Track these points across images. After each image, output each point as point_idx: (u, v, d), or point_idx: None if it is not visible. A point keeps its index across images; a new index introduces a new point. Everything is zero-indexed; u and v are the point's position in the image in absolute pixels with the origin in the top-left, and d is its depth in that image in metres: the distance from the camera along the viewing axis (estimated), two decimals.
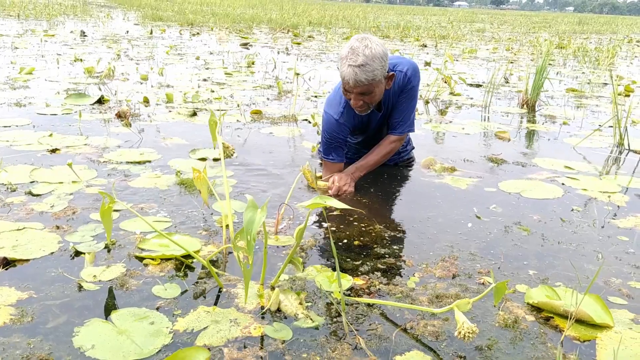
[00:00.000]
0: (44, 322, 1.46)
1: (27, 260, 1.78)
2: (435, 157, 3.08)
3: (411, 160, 3.05)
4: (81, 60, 6.60)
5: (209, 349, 1.37)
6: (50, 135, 3.22)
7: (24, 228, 1.98)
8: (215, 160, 2.95)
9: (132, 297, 1.60)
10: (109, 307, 1.54)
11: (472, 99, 5.41)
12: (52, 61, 6.44)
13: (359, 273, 1.80)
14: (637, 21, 50.52)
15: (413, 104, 2.60)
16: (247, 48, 9.43)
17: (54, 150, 2.94)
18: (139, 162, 2.84)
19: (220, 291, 1.66)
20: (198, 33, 12.11)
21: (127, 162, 2.82)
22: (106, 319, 1.48)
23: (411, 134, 2.92)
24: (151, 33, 11.24)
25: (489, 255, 1.97)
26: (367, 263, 1.87)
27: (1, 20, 12.48)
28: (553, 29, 22.56)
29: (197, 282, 1.70)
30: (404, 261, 1.90)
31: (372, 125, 2.65)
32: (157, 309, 1.54)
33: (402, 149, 2.95)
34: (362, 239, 2.08)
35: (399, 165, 2.98)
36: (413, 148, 3.08)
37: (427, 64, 8.08)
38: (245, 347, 1.39)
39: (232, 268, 1.81)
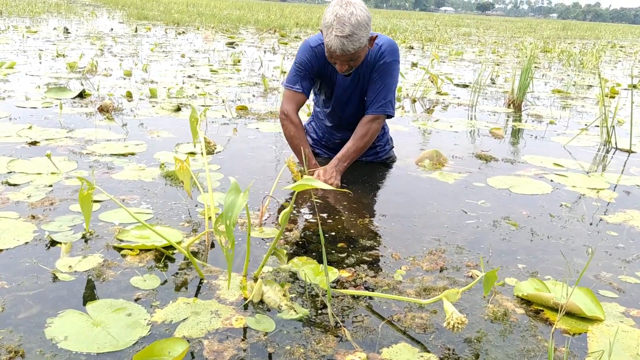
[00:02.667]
0: (16, 313, 1.39)
1: (0, 250, 1.70)
2: (439, 150, 3.01)
3: (390, 160, 2.99)
4: (64, 55, 6.49)
5: (188, 340, 1.31)
6: (30, 127, 3.14)
7: None
8: (202, 154, 2.88)
9: (109, 288, 1.53)
10: (85, 299, 1.48)
11: (459, 98, 5.40)
12: (33, 56, 6.33)
13: (345, 265, 1.76)
14: (620, 28, 51.27)
15: (388, 82, 2.51)
16: (233, 47, 9.36)
17: (33, 143, 2.86)
18: (123, 155, 2.76)
19: (201, 282, 1.60)
20: (184, 32, 12.01)
21: (111, 155, 2.75)
22: (81, 310, 1.42)
23: (398, 134, 2.88)
24: (136, 31, 11.12)
25: (477, 249, 1.93)
26: (353, 255, 1.83)
27: None
28: (538, 34, 22.75)
29: (177, 273, 1.64)
30: (391, 254, 1.86)
31: (337, 83, 2.59)
32: (136, 300, 1.47)
33: (379, 148, 2.88)
34: (348, 231, 2.03)
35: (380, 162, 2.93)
36: (392, 147, 3.01)
37: (414, 64, 8.08)
38: (226, 338, 1.34)
39: (214, 259, 1.76)
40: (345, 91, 2.60)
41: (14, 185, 2.25)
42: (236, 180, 1.44)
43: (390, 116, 2.58)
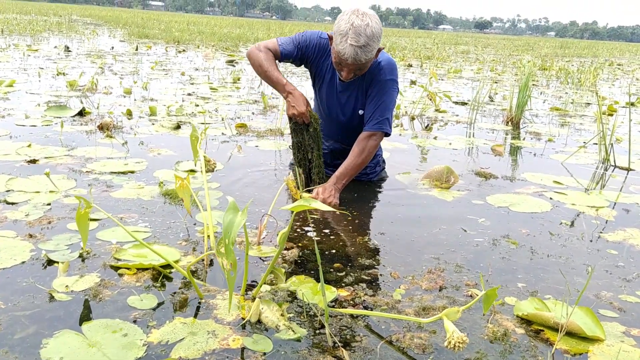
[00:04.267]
0: (12, 333, 1.38)
1: None
2: (451, 166, 2.98)
3: (382, 182, 2.97)
4: (64, 74, 6.52)
5: None
6: (29, 145, 3.14)
7: None
8: (201, 172, 2.88)
9: (105, 308, 1.52)
10: (81, 319, 1.46)
11: (457, 115, 5.42)
12: (34, 74, 6.36)
13: (344, 284, 1.74)
14: (617, 46, 51.64)
15: (385, 100, 2.53)
16: (233, 65, 9.42)
17: (32, 161, 2.86)
18: (122, 173, 2.76)
19: (199, 302, 1.59)
20: (184, 50, 12.09)
21: (111, 173, 2.75)
22: (77, 330, 1.40)
23: (397, 151, 2.88)
24: (137, 49, 11.20)
25: (476, 268, 1.92)
26: (352, 274, 1.82)
27: None
28: (536, 52, 22.92)
29: (174, 293, 1.63)
30: (390, 273, 1.85)
31: (329, 82, 2.61)
32: (133, 321, 1.46)
33: (369, 170, 2.86)
34: (346, 249, 2.02)
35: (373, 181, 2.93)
36: (383, 169, 3.01)
37: (413, 82, 8.12)
38: (223, 359, 1.32)
39: (212, 279, 1.75)
40: (333, 92, 2.63)
41: (12, 203, 2.24)
42: (235, 199, 1.44)
43: (387, 134, 2.59)
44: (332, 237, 2.14)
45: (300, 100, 2.47)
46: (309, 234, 2.16)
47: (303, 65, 2.67)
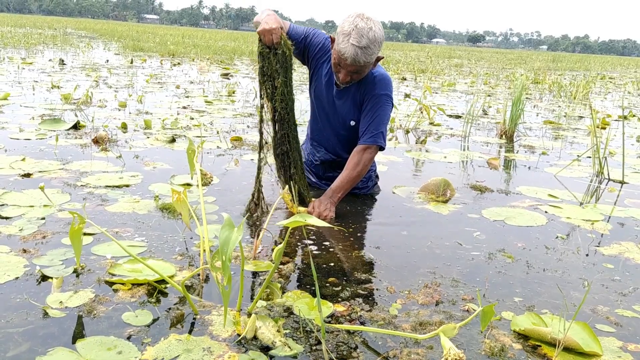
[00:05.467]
0: (4, 350, 1.36)
1: None
2: (448, 180, 2.98)
3: (377, 195, 2.97)
4: (58, 87, 6.51)
5: None
6: (23, 159, 3.12)
7: None
8: (197, 186, 2.87)
9: (100, 325, 1.51)
10: (75, 336, 1.45)
11: (451, 129, 5.44)
12: (28, 88, 6.35)
13: (340, 299, 1.74)
14: (609, 59, 52.14)
15: (380, 114, 2.54)
16: (228, 78, 9.44)
17: (26, 175, 2.84)
18: (117, 186, 2.75)
19: (194, 318, 1.57)
20: (179, 63, 12.12)
21: (106, 187, 2.73)
22: (71, 348, 1.39)
23: (392, 164, 2.89)
24: (131, 62, 11.21)
25: (472, 282, 1.92)
26: (348, 289, 1.81)
27: None
28: (528, 65, 23.10)
29: (170, 309, 1.61)
30: (386, 287, 1.84)
31: (324, 85, 2.61)
32: (128, 337, 1.45)
33: (361, 185, 2.86)
34: (342, 264, 2.02)
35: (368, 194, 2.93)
36: (375, 184, 3.01)
37: (407, 95, 8.16)
38: None
39: (208, 293, 1.73)
40: (329, 98, 2.64)
41: (6, 218, 2.22)
42: (230, 212, 1.44)
43: (382, 148, 2.59)
44: (327, 251, 2.13)
45: (273, 19, 2.30)
46: (304, 248, 2.16)
47: (303, 61, 2.66)
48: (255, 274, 1.89)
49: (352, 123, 2.62)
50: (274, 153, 2.48)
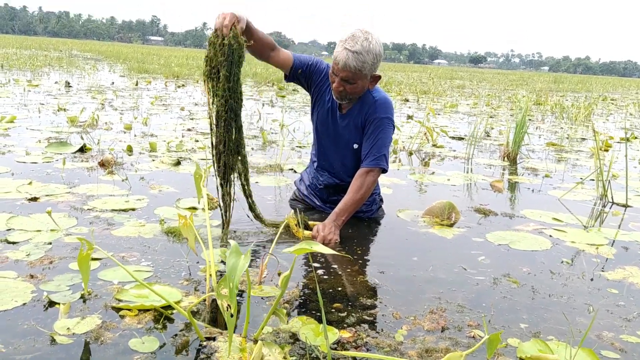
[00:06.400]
0: None
1: None
2: (453, 203, 2.97)
3: (378, 218, 2.98)
4: (64, 109, 6.57)
5: None
6: (30, 183, 3.15)
7: None
8: (203, 210, 2.89)
9: (107, 352, 1.51)
10: None
11: (454, 151, 5.47)
12: (34, 110, 6.41)
13: (345, 325, 1.74)
14: (610, 80, 52.38)
15: (382, 137, 2.57)
16: None
17: (33, 199, 2.87)
18: (124, 210, 2.77)
19: (200, 344, 1.58)
20: (183, 85, 12.23)
21: (112, 210, 2.75)
22: None
23: (396, 187, 2.90)
24: (136, 84, 11.32)
25: (478, 308, 1.92)
26: (353, 314, 1.81)
27: None
28: (530, 87, 23.23)
29: (176, 335, 1.62)
30: (392, 313, 1.85)
31: (327, 111, 2.66)
32: None
33: (365, 208, 2.87)
34: (347, 289, 2.02)
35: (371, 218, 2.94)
36: (380, 207, 3.02)
37: (410, 117, 8.21)
38: None
39: (214, 319, 1.73)
40: (332, 123, 2.68)
41: (13, 243, 2.24)
42: (235, 236, 1.45)
43: (384, 170, 2.62)
44: (332, 275, 2.14)
45: (233, 12, 2.21)
46: (309, 273, 2.16)
47: (307, 88, 2.72)
48: (260, 299, 1.90)
49: (355, 146, 2.66)
50: (213, 159, 2.31)
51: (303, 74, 2.65)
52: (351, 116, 2.61)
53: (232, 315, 1.40)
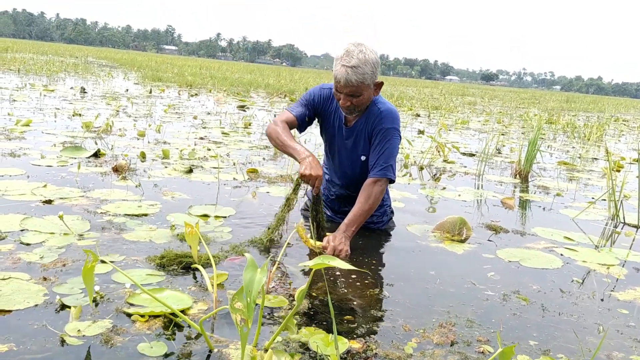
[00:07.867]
0: None
1: (10, 311, 1.70)
2: (465, 219, 2.96)
3: (389, 230, 2.99)
4: (80, 115, 6.65)
5: None
6: (45, 186, 3.18)
7: (10, 278, 1.91)
8: (217, 217, 2.90)
9: (116, 355, 1.52)
10: None
11: (465, 167, 5.46)
12: (50, 115, 6.49)
13: (355, 336, 1.74)
14: (622, 102, 52.16)
15: (388, 148, 2.59)
16: (245, 110, 9.58)
17: (48, 202, 2.90)
18: (136, 215, 2.80)
19: (209, 352, 1.58)
20: (196, 94, 12.32)
21: (125, 215, 2.78)
22: None
23: (407, 201, 2.91)
24: (150, 92, 11.43)
25: (487, 323, 1.92)
26: (363, 325, 1.81)
27: (1, 74, 12.66)
28: (542, 105, 23.19)
29: (185, 343, 1.62)
30: (401, 325, 1.84)
31: (333, 125, 2.70)
32: None
33: (376, 219, 2.89)
34: (356, 300, 2.02)
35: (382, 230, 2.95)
36: (390, 219, 3.03)
37: (421, 132, 8.21)
38: None
39: (222, 328, 1.74)
40: (339, 138, 2.71)
41: (27, 244, 2.26)
42: (245, 245, 1.45)
43: (392, 180, 2.63)
44: (342, 286, 2.14)
45: (317, 164, 2.43)
46: (319, 284, 2.16)
47: (317, 117, 2.75)
48: (268, 309, 1.90)
49: (363, 158, 2.68)
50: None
51: (310, 119, 2.74)
52: (358, 129, 2.64)
53: (244, 329, 1.40)
